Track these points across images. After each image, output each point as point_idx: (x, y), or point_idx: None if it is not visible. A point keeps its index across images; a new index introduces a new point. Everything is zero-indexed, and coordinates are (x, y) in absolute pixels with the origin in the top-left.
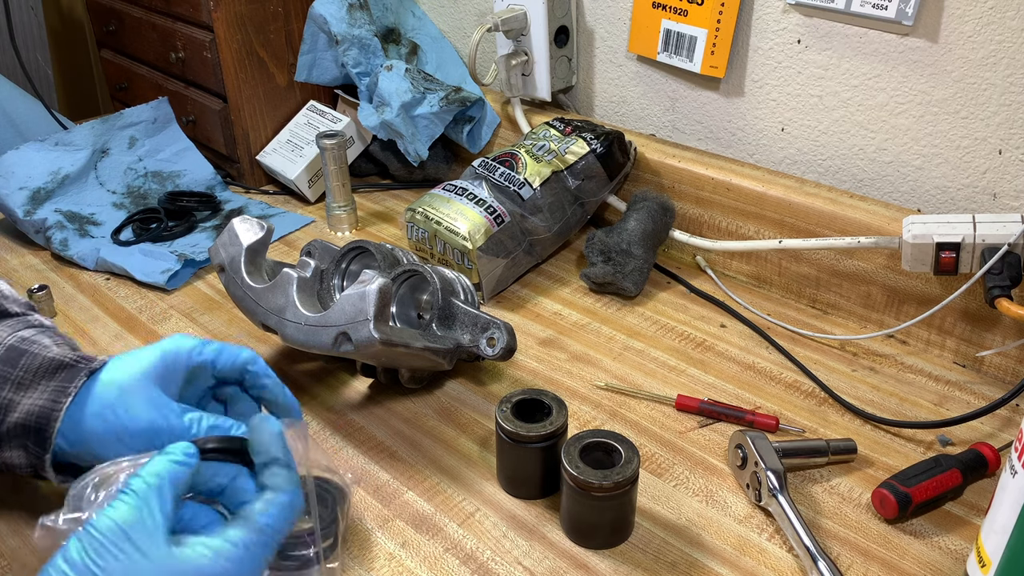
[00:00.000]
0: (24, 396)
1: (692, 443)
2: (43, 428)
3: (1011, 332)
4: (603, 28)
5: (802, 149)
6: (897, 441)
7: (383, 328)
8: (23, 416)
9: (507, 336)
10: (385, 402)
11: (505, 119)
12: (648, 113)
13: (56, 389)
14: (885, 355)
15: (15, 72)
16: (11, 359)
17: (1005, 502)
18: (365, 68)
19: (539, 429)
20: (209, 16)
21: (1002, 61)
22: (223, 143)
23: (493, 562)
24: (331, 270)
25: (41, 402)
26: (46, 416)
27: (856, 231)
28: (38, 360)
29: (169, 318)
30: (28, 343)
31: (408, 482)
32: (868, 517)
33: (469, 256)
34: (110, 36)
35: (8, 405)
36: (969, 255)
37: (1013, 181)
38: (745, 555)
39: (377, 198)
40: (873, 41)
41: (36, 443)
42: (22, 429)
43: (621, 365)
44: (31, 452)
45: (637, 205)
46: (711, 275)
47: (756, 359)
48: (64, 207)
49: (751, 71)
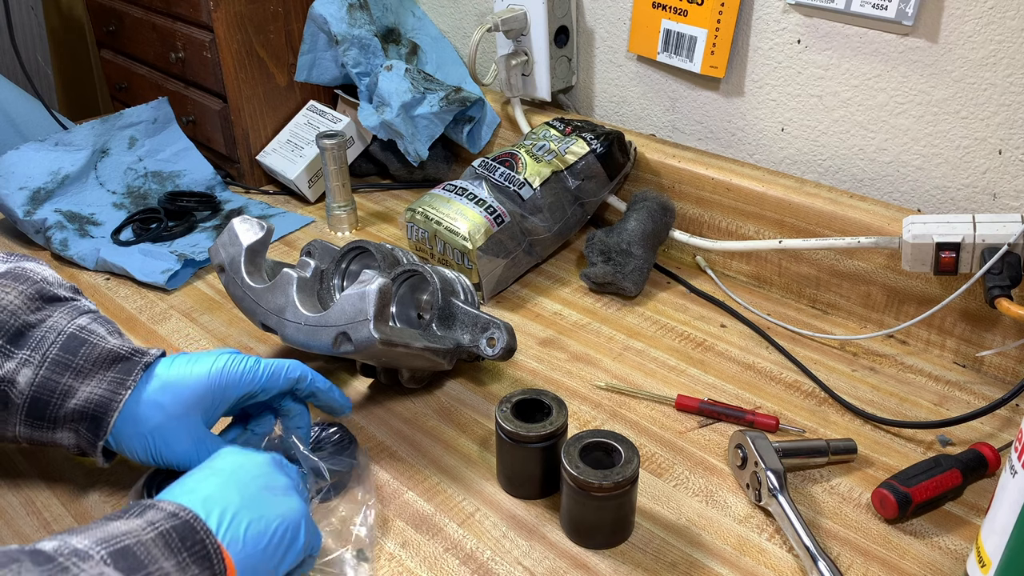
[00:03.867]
0: (83, 384)
1: (692, 443)
2: (101, 416)
3: (1011, 332)
4: (603, 28)
5: (802, 149)
6: (897, 441)
7: (383, 328)
8: (82, 403)
9: (507, 336)
10: (385, 402)
11: (505, 119)
12: (648, 113)
13: (115, 380)
14: (885, 355)
15: (15, 72)
16: (72, 347)
17: (1005, 502)
18: (365, 68)
19: (539, 429)
20: (209, 16)
21: (1002, 61)
22: (223, 143)
23: (493, 562)
24: (331, 270)
25: (100, 391)
26: (104, 406)
27: (856, 231)
28: (97, 350)
29: (169, 318)
30: (87, 332)
31: (408, 482)
32: (868, 517)
33: (469, 256)
34: (110, 36)
35: (68, 391)
36: (969, 255)
37: (1013, 181)
38: (745, 555)
39: (377, 198)
40: (873, 41)
41: (90, 429)
42: (79, 415)
43: (621, 365)
44: (82, 436)
45: (637, 205)
46: (711, 275)
47: (756, 359)
48: (64, 207)
49: (751, 71)
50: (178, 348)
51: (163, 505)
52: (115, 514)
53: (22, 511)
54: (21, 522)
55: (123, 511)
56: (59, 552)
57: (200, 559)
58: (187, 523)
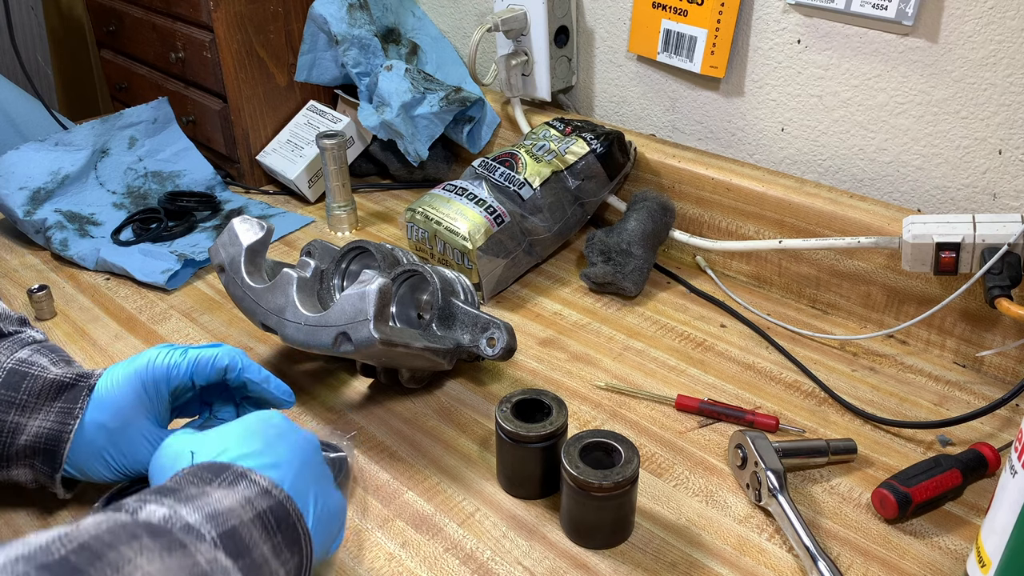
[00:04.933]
0: (31, 419)
1: (692, 443)
2: (53, 449)
3: (1011, 332)
4: (603, 28)
5: (802, 149)
6: (897, 441)
7: (383, 328)
8: (32, 439)
9: (507, 336)
10: (385, 402)
11: (505, 119)
12: (648, 113)
13: (62, 411)
14: (885, 355)
15: (15, 72)
16: (14, 383)
17: (1005, 502)
18: (365, 68)
19: (539, 429)
20: (209, 16)
21: (1002, 61)
22: (223, 143)
23: (493, 562)
24: (331, 270)
25: (48, 424)
26: (55, 438)
27: (856, 231)
28: (40, 382)
29: (169, 318)
30: (28, 365)
31: (408, 482)
32: (868, 517)
33: (469, 256)
34: (110, 36)
35: (16, 428)
36: (969, 255)
37: (1013, 181)
38: (745, 555)
39: (377, 198)
40: (873, 41)
41: (45, 463)
42: (32, 451)
43: (621, 365)
44: (39, 470)
45: (637, 205)
46: (711, 275)
47: (756, 359)
48: (64, 207)
49: (751, 71)
50: None
51: (255, 477)
52: (206, 475)
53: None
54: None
55: (211, 471)
56: (171, 523)
57: (292, 543)
58: (281, 504)
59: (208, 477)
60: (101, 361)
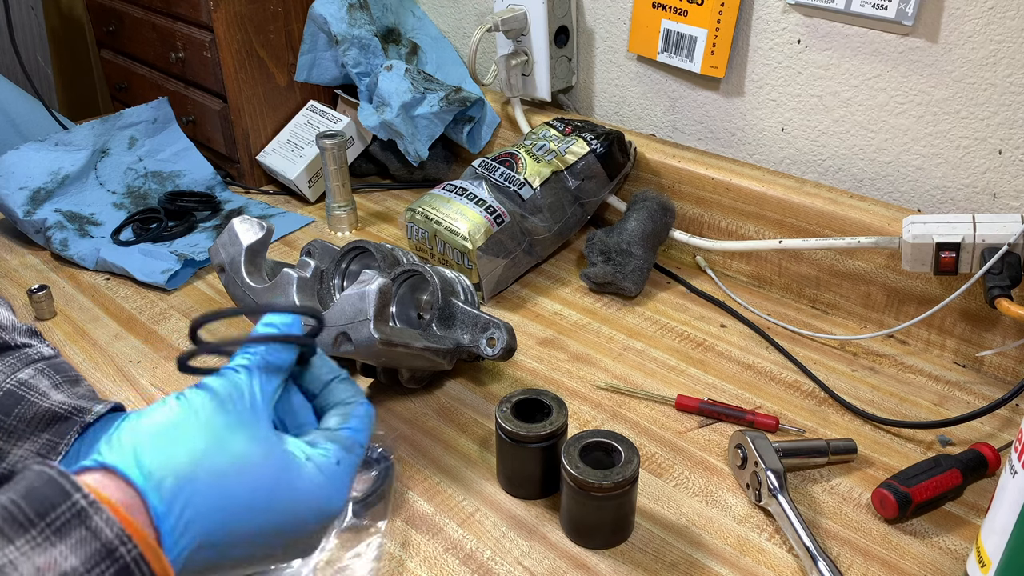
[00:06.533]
0: (15, 446)
1: (692, 443)
2: None
3: (1011, 332)
4: (603, 28)
5: (802, 149)
6: (897, 441)
7: (383, 328)
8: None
9: (507, 336)
10: (385, 402)
11: (505, 119)
12: (648, 113)
13: (47, 444)
14: (885, 355)
15: (15, 72)
16: (7, 407)
17: (1005, 502)
18: (365, 68)
19: (539, 429)
20: (209, 16)
21: (1002, 61)
22: (223, 143)
23: (493, 562)
24: (331, 270)
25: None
26: None
27: (856, 231)
28: (33, 409)
29: (169, 318)
30: (26, 388)
31: (408, 482)
32: (868, 517)
33: (469, 256)
34: (110, 36)
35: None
36: (969, 255)
37: (1013, 181)
38: (745, 555)
39: (377, 198)
40: (873, 41)
41: None
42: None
43: (621, 365)
44: None
45: (637, 205)
46: (711, 275)
47: (756, 359)
48: (64, 207)
49: (751, 71)
50: (179, 348)
51: (99, 521)
52: (20, 515)
53: None
54: None
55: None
56: None
57: None
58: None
59: (22, 520)
60: (101, 361)
